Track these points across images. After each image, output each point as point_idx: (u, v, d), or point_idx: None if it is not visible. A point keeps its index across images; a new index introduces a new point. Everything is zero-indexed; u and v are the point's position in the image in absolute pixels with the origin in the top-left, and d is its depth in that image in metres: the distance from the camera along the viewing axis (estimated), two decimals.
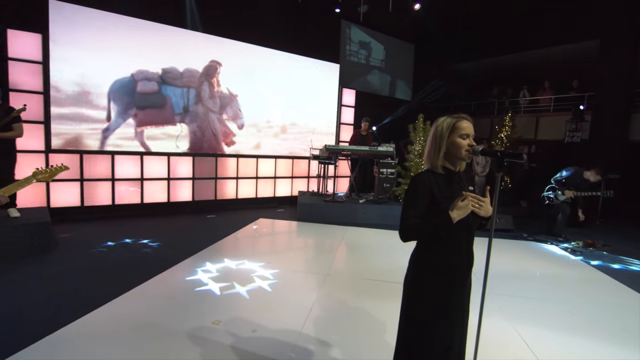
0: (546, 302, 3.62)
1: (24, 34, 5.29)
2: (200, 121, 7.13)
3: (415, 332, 1.64)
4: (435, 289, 1.60)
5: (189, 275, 3.84)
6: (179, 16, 6.66)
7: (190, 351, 2.46)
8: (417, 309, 1.64)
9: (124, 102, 6.25)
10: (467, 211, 1.51)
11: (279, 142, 8.28)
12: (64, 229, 5.32)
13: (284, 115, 8.27)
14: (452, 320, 1.60)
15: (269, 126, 8.10)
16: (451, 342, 1.60)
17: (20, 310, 2.92)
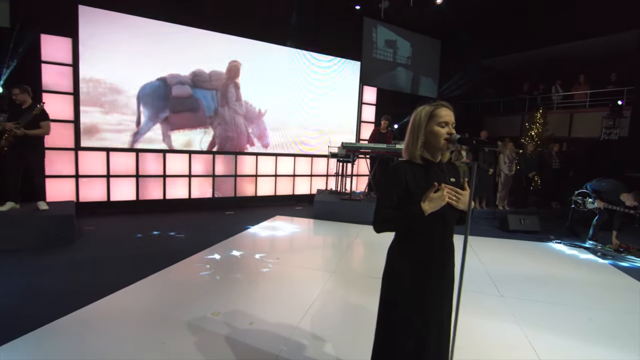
0: (565, 307, 3.40)
1: (55, 38, 5.64)
2: (227, 123, 7.31)
3: (389, 325, 1.59)
4: (409, 282, 1.55)
5: (199, 264, 3.94)
6: (200, 17, 6.83)
7: (187, 340, 2.51)
8: (390, 302, 1.59)
9: (155, 106, 6.52)
10: (440, 203, 1.44)
11: (298, 140, 8.33)
12: (90, 222, 5.62)
13: (303, 113, 8.30)
14: (427, 315, 1.53)
15: (287, 125, 8.16)
16: (426, 337, 1.53)
17: (36, 295, 3.11)
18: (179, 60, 6.69)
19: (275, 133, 7.99)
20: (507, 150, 8.17)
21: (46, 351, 2.31)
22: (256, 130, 7.74)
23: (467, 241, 1.43)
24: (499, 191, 8.22)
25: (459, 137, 1.46)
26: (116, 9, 6.01)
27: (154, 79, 6.48)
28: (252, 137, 7.72)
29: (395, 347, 1.57)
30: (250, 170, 7.77)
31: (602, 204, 5.60)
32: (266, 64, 7.71)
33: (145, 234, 5.17)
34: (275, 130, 8.00)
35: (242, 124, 7.56)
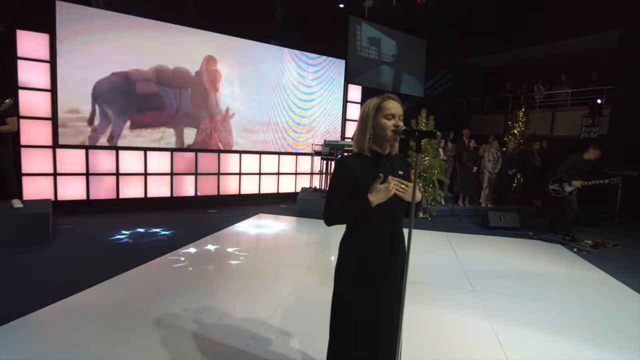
0: (536, 301, 3.45)
1: (32, 34, 5.55)
2: (200, 121, 7.26)
3: (338, 318, 1.60)
4: (356, 273, 1.56)
5: (174, 262, 3.92)
6: (179, 13, 6.77)
7: (153, 336, 2.50)
8: (339, 294, 1.60)
9: (118, 103, 6.39)
10: (387, 194, 1.46)
11: (282, 139, 8.32)
12: (68, 220, 5.55)
13: (287, 111, 8.30)
14: (374, 308, 1.54)
15: (272, 122, 8.14)
16: (378, 328, 1.54)
17: (1, 293, 3.06)
18: (151, 55, 6.56)
19: (257, 131, 7.97)
20: (492, 148, 8.26)
21: (6, 350, 2.28)
22: (234, 129, 7.71)
23: (411, 233, 1.43)
24: (483, 189, 8.31)
25: (403, 129, 1.48)
26: (91, 4, 5.93)
27: (122, 73, 6.34)
28: (231, 136, 7.69)
29: (348, 339, 1.58)
30: (234, 168, 7.74)
31: (578, 183, 5.62)
32: (248, 61, 7.68)
33: (123, 233, 5.11)
34: (257, 128, 7.98)
35: (218, 120, 7.52)
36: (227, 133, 7.59)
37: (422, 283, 3.75)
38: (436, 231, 6.15)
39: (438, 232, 6.11)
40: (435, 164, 7.04)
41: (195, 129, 7.19)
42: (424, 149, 7.12)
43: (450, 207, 7.79)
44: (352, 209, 1.48)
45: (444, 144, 8.16)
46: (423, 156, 7.08)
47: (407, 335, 2.66)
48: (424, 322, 2.92)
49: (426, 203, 6.97)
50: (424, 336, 2.71)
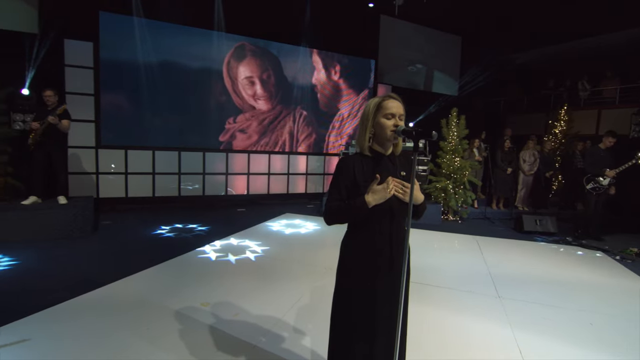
0: (567, 310, 3.25)
1: (77, 43, 5.98)
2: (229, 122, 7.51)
3: (337, 318, 1.61)
4: (356, 274, 1.56)
5: (200, 257, 4.09)
6: (208, 19, 7.01)
7: (172, 327, 2.63)
8: (339, 294, 1.61)
9: (153, 105, 6.77)
10: (384, 195, 1.45)
11: (310, 139, 8.39)
12: (108, 217, 5.93)
13: (314, 112, 8.36)
14: (374, 308, 1.53)
15: (300, 123, 8.23)
16: (373, 331, 1.53)
17: (45, 282, 3.34)
18: (179, 57, 6.89)
19: (285, 132, 8.09)
20: (529, 149, 7.87)
21: (46, 332, 2.49)
22: (262, 130, 7.87)
23: (409, 234, 1.41)
24: (519, 191, 7.93)
25: (402, 129, 1.46)
26: (133, 14, 6.30)
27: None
28: (261, 137, 7.86)
29: (346, 339, 1.59)
30: (262, 168, 7.90)
31: (611, 172, 5.57)
32: (276, 63, 7.82)
33: (157, 229, 5.39)
34: (284, 129, 8.09)
35: (257, 125, 7.71)
36: (257, 134, 7.77)
37: (444, 287, 3.65)
38: (465, 234, 5.95)
39: (467, 235, 5.91)
40: (466, 164, 6.80)
41: (224, 129, 7.44)
42: (456, 150, 6.90)
43: (482, 209, 7.51)
44: (350, 210, 1.49)
45: (479, 144, 7.87)
46: (453, 157, 6.87)
47: (425, 339, 2.63)
48: (443, 326, 2.85)
49: (456, 205, 6.76)
50: (442, 340, 2.64)
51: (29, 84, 5.48)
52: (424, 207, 1.63)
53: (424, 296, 3.39)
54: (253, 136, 7.74)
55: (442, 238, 5.74)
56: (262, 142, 7.85)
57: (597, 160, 5.70)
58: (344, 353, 1.59)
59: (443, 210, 6.93)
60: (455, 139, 6.86)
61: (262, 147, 7.86)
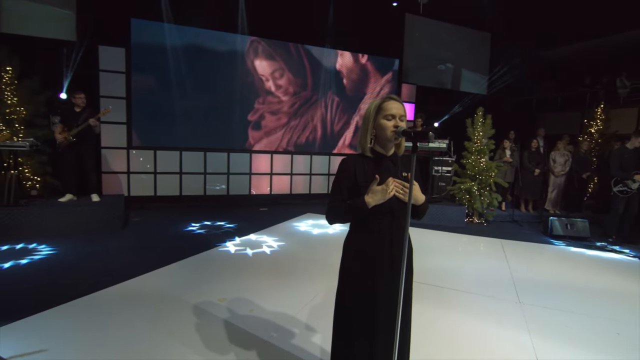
0: (592, 319, 3.11)
1: (110, 49, 6.31)
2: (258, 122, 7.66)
3: (339, 318, 1.63)
4: (356, 274, 1.58)
5: (221, 254, 4.22)
6: (233, 22, 7.18)
7: (189, 320, 2.74)
8: (340, 294, 1.63)
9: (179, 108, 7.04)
10: (384, 196, 1.45)
11: (333, 140, 8.42)
12: (137, 214, 6.21)
13: (338, 112, 8.37)
14: (375, 309, 1.54)
15: (323, 124, 8.28)
16: (373, 333, 1.54)
17: (76, 274, 3.56)
18: (205, 62, 7.09)
19: (307, 133, 8.16)
20: (560, 149, 7.54)
21: (73, 320, 2.66)
22: (286, 131, 7.97)
23: (407, 234, 1.40)
24: (549, 193, 7.60)
25: (402, 130, 1.47)
26: (163, 20, 6.58)
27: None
28: (283, 138, 7.97)
29: (347, 338, 1.60)
30: (285, 169, 8.01)
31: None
32: (299, 64, 7.90)
33: (187, 225, 5.59)
34: (307, 130, 8.16)
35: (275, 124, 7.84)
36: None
37: (464, 291, 3.58)
38: (490, 237, 5.78)
39: (492, 238, 5.74)
40: (492, 165, 6.60)
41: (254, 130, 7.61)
42: (481, 150, 6.71)
43: (510, 212, 7.25)
44: (350, 210, 1.51)
45: (509, 144, 7.61)
46: (479, 157, 6.69)
47: (438, 342, 2.60)
48: (458, 330, 2.80)
49: (481, 207, 6.57)
50: (455, 344, 2.60)
51: (67, 88, 5.83)
52: (426, 207, 1.62)
53: (442, 299, 3.34)
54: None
55: (465, 241, 5.61)
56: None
57: (625, 162, 5.49)
58: (345, 352, 1.61)
59: (468, 213, 6.75)
60: (481, 139, 6.67)
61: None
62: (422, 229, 6.07)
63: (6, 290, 3.16)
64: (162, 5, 6.61)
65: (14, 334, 2.44)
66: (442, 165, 7.31)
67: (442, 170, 7.31)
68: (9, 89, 5.15)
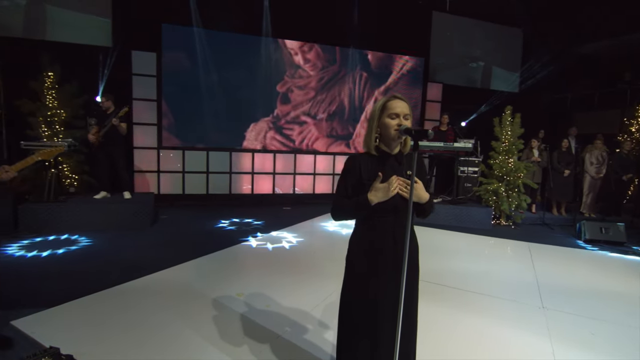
0: (619, 327, 2.96)
1: (143, 54, 6.62)
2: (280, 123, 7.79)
3: (342, 314, 1.66)
4: (359, 271, 1.60)
5: (243, 250, 4.35)
6: (257, 25, 7.33)
7: (207, 313, 2.85)
8: (344, 292, 1.65)
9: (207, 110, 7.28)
10: (386, 194, 1.47)
11: (356, 139, 8.41)
12: (166, 211, 6.47)
13: (361, 112, 8.37)
14: (377, 308, 1.55)
15: (346, 124, 8.29)
16: (375, 330, 1.55)
17: (107, 266, 3.78)
18: (238, 65, 7.29)
19: (331, 133, 8.20)
20: (596, 149, 7.17)
21: (102, 309, 2.85)
22: (310, 131, 8.04)
23: (408, 232, 1.40)
24: (584, 196, 7.25)
25: (404, 128, 1.48)
26: (192, 24, 6.83)
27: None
28: (307, 138, 8.05)
29: (350, 336, 1.63)
30: (308, 168, 8.08)
31: None
32: (320, 64, 7.95)
33: (209, 223, 5.79)
34: (331, 130, 8.20)
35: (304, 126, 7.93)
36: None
37: (485, 294, 3.50)
38: (517, 240, 5.58)
39: (520, 241, 5.54)
40: (521, 166, 6.37)
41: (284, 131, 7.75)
42: (509, 150, 6.49)
43: (541, 214, 6.97)
44: (354, 207, 1.54)
45: (537, 143, 7.32)
46: (507, 158, 6.47)
47: (452, 345, 2.57)
48: (476, 333, 2.75)
49: (509, 209, 6.36)
50: (473, 347, 2.56)
51: (102, 91, 6.18)
52: (431, 205, 1.62)
53: (463, 302, 3.29)
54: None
55: (490, 243, 5.46)
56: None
57: None
58: (348, 348, 1.63)
59: (494, 214, 6.55)
60: (509, 138, 6.45)
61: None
62: (447, 230, 5.96)
63: (41, 277, 3.41)
64: (191, 11, 6.85)
65: (51, 320, 2.64)
66: (468, 166, 7.13)
67: (468, 170, 7.13)
68: (50, 93, 5.53)
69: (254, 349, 2.39)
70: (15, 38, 5.88)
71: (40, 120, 5.49)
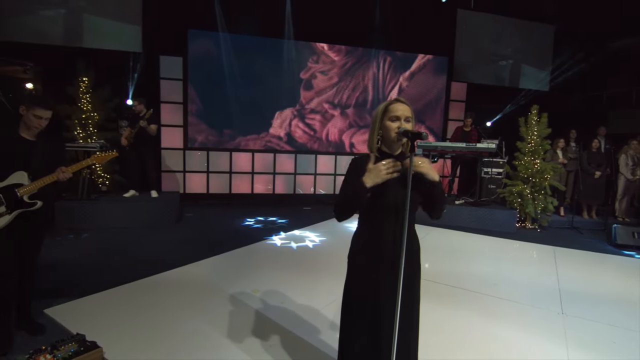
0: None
1: (170, 58, 6.91)
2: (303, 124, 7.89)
3: (344, 312, 1.70)
4: (359, 271, 1.64)
5: (263, 248, 4.51)
6: (280, 28, 7.46)
7: (224, 307, 2.97)
8: (345, 290, 1.69)
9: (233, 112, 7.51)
10: (379, 175, 1.47)
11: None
12: (191, 210, 6.71)
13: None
14: (378, 307, 1.58)
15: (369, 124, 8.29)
16: (374, 329, 1.58)
17: (131, 261, 3.99)
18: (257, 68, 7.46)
19: (353, 133, 8.22)
20: (631, 149, 6.82)
21: (126, 300, 3.03)
22: (333, 132, 8.10)
23: (405, 230, 1.41)
24: (618, 199, 6.91)
25: (402, 130, 1.51)
26: (217, 29, 7.05)
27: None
28: (329, 139, 8.11)
29: (352, 330, 1.67)
30: (329, 169, 8.14)
31: None
32: (341, 65, 7.98)
33: (232, 222, 5.98)
34: (353, 130, 8.22)
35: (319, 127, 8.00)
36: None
37: (502, 298, 3.44)
38: (542, 244, 5.41)
39: (545, 245, 5.37)
40: (548, 167, 6.16)
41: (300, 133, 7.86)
42: (535, 151, 6.29)
43: (570, 218, 6.70)
44: (351, 194, 1.56)
45: (565, 144, 7.05)
46: (532, 159, 6.27)
47: (459, 348, 2.55)
48: (489, 338, 2.72)
49: (534, 212, 6.16)
50: (483, 353, 2.53)
51: (132, 95, 6.50)
52: (442, 194, 1.61)
53: (479, 306, 3.25)
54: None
55: (513, 247, 5.31)
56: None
57: None
58: (349, 351, 1.67)
59: (519, 217, 6.37)
60: (535, 139, 6.25)
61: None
62: (469, 233, 5.86)
63: (72, 270, 3.66)
64: (216, 16, 7.07)
65: (79, 310, 2.85)
66: (492, 167, 6.98)
67: (492, 172, 6.98)
68: (84, 97, 5.87)
69: (265, 344, 2.48)
70: (54, 45, 6.28)
71: (75, 122, 5.85)
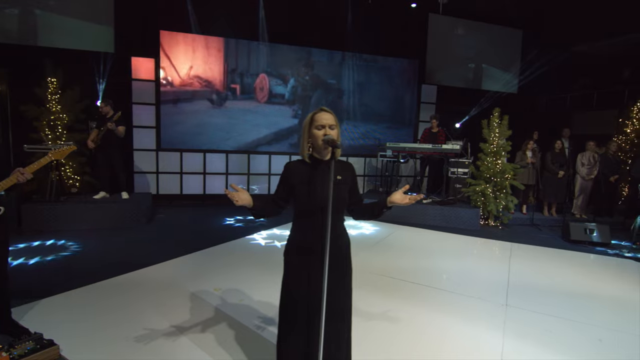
0: (577, 324, 3.08)
1: (142, 60, 6.91)
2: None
3: (280, 310, 1.84)
4: (292, 268, 1.79)
5: (236, 248, 4.59)
6: (252, 30, 7.57)
7: (184, 305, 3.08)
8: (282, 287, 1.83)
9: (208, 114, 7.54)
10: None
11: (354, 142, 8.58)
12: (164, 211, 6.75)
13: (358, 114, 8.52)
14: (308, 302, 1.71)
15: (342, 126, 8.46)
16: (307, 323, 1.71)
17: (100, 261, 4.03)
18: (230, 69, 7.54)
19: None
20: (587, 150, 7.19)
21: (89, 301, 3.10)
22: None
23: (328, 230, 1.56)
24: (575, 197, 7.28)
25: (326, 138, 1.66)
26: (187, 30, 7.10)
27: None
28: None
29: (287, 326, 1.80)
30: None
31: None
32: (316, 68, 8.14)
33: (202, 222, 6.04)
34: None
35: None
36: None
37: (452, 292, 3.65)
38: (501, 241, 5.69)
39: (503, 242, 5.65)
40: (508, 167, 6.45)
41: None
42: (497, 152, 6.58)
43: (531, 215, 7.03)
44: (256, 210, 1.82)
45: (532, 145, 7.38)
46: (494, 159, 6.56)
47: (398, 337, 2.73)
48: (428, 328, 2.91)
49: (496, 210, 6.45)
50: (418, 341, 2.72)
51: (102, 96, 6.48)
52: (373, 219, 1.77)
53: (428, 300, 3.44)
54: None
55: (474, 244, 5.55)
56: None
57: None
58: (285, 346, 1.80)
59: (482, 215, 6.65)
60: (497, 140, 6.54)
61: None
62: (434, 230, 6.09)
63: (35, 272, 3.69)
64: (190, 18, 7.11)
65: (39, 311, 2.90)
66: (458, 167, 7.25)
67: (458, 172, 7.26)
68: (53, 98, 5.84)
69: (219, 339, 2.59)
70: (21, 45, 6.21)
71: (44, 124, 5.81)
